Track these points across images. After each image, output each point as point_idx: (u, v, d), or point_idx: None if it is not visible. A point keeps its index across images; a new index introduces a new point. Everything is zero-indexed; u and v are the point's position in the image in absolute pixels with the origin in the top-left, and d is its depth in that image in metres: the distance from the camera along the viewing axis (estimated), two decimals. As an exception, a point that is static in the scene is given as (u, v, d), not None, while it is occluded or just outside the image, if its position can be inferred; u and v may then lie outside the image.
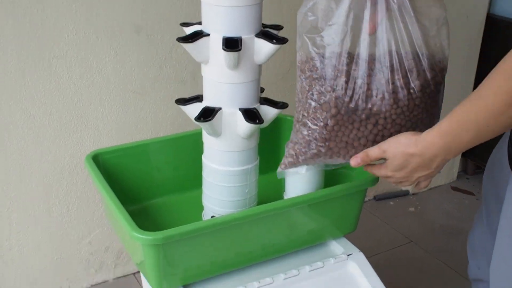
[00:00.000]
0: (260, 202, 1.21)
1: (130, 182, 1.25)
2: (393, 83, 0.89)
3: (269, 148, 1.32)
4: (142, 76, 1.55)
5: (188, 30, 1.06)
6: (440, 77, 0.92)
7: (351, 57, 0.89)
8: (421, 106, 0.91)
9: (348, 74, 0.89)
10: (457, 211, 2.19)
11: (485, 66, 2.23)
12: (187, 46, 1.00)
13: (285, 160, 0.99)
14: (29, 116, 1.43)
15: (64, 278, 1.65)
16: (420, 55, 0.89)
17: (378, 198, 2.21)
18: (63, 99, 1.46)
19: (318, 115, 0.91)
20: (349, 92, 0.89)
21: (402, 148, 0.85)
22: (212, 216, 1.17)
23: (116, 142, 1.57)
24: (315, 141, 0.92)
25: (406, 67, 0.89)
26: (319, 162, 0.96)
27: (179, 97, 1.12)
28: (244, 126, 1.04)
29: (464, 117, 0.79)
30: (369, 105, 0.89)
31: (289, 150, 0.97)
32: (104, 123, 1.54)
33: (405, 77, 0.89)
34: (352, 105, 0.89)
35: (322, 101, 0.90)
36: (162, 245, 0.96)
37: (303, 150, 0.94)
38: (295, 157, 0.96)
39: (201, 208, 1.21)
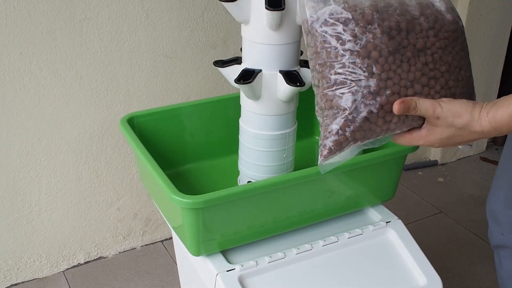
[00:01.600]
0: (296, 168, 1.19)
1: (164, 147, 1.23)
2: (424, 14, 0.79)
3: (304, 113, 1.28)
4: (173, 40, 1.52)
5: (228, -10, 1.03)
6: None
7: None
8: (459, 42, 0.84)
9: (377, 6, 0.77)
10: (486, 182, 2.15)
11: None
12: (228, 5, 0.97)
13: (326, 143, 0.78)
14: (60, 79, 1.41)
15: (92, 245, 1.64)
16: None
17: (406, 168, 2.18)
18: (93, 62, 1.44)
19: (359, 64, 0.75)
20: (384, 26, 0.76)
21: (460, 123, 0.75)
22: (249, 181, 1.15)
23: (146, 106, 1.55)
24: (362, 100, 0.76)
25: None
26: (370, 135, 0.79)
27: (210, 61, 1.09)
28: (284, 89, 1.01)
29: None
30: (411, 39, 0.77)
31: (328, 128, 0.78)
32: (134, 87, 1.52)
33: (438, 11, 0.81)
34: (394, 40, 0.76)
35: (359, 46, 0.75)
36: (202, 209, 0.94)
37: (349, 117, 0.76)
38: (340, 132, 0.77)
39: (235, 174, 1.19)
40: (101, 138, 1.52)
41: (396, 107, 0.76)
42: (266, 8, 0.93)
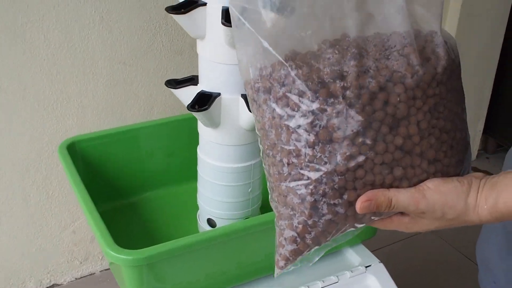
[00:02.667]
0: (265, 199, 1.04)
1: (114, 174, 1.08)
2: (410, 66, 0.58)
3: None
4: (132, 45, 1.35)
5: (181, -2, 0.87)
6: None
7: (335, 41, 0.57)
8: (454, 91, 0.63)
9: (341, 70, 0.56)
10: (477, 195, 2.01)
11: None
12: (179, 18, 0.81)
13: (282, 252, 0.61)
14: (0, 90, 1.25)
15: (44, 271, 1.48)
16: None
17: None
18: (39, 71, 1.27)
19: (318, 154, 0.56)
20: (350, 96, 0.56)
21: (453, 215, 0.57)
22: (209, 219, 0.99)
23: (103, 120, 1.38)
24: (324, 199, 0.57)
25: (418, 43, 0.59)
26: (337, 233, 0.61)
27: (176, 69, 0.94)
28: (247, 116, 0.86)
29: None
30: (390, 108, 0.57)
31: (283, 233, 0.61)
32: (88, 99, 1.35)
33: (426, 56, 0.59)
34: (364, 114, 0.56)
35: (318, 127, 0.56)
36: (146, 266, 0.78)
37: (309, 222, 0.58)
38: (298, 240, 0.59)
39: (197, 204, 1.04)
40: (51, 156, 1.36)
41: (359, 206, 0.57)
42: (222, 23, 0.78)
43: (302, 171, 0.57)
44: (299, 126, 0.56)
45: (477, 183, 0.57)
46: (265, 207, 1.04)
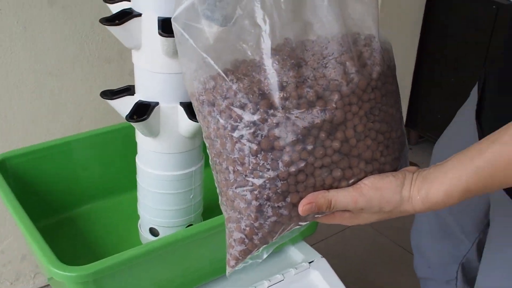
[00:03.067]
0: (206, 204, 1.04)
1: (50, 189, 1.05)
2: (346, 74, 0.60)
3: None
4: (58, 56, 1.33)
5: (114, 8, 0.86)
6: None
7: (275, 52, 0.58)
8: (390, 94, 0.66)
9: (281, 81, 0.58)
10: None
11: (427, 35, 2.14)
12: (114, 29, 0.81)
13: (232, 252, 0.64)
14: None
15: (-27, 294, 1.44)
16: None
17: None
18: (-38, 86, 1.23)
19: (261, 161, 0.58)
20: (289, 106, 0.58)
21: (389, 208, 0.60)
22: (151, 228, 0.99)
23: (30, 134, 1.35)
24: (268, 203, 0.59)
25: (356, 49, 0.62)
26: (283, 231, 0.63)
27: (104, 78, 0.93)
28: (187, 124, 0.87)
29: (508, 170, 0.56)
30: (327, 114, 0.59)
31: (232, 235, 0.63)
32: (13, 112, 1.32)
33: (362, 63, 0.62)
34: (303, 122, 0.58)
35: (260, 137, 0.58)
36: (93, 281, 0.78)
37: (255, 225, 0.61)
38: (247, 241, 0.62)
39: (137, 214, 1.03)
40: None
41: (301, 209, 0.60)
42: (159, 33, 0.78)
43: (247, 178, 0.59)
44: (242, 136, 0.58)
45: (410, 177, 0.60)
46: (206, 213, 1.05)
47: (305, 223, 0.64)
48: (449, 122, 1.05)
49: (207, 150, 0.63)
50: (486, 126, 0.83)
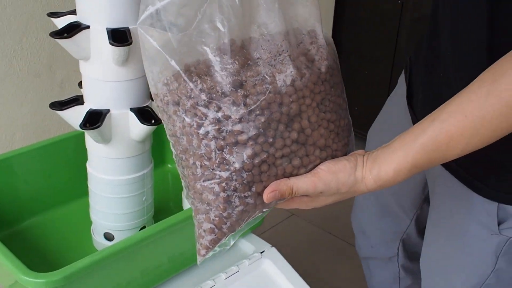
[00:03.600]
0: (157, 207, 1.08)
1: (-3, 204, 1.05)
2: (298, 69, 0.66)
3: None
4: (-13, 73, 1.32)
5: (59, 22, 0.89)
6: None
7: (234, 52, 0.63)
8: (337, 85, 0.73)
9: (241, 79, 0.63)
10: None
11: (339, 30, 2.26)
12: (64, 42, 0.83)
13: (203, 242, 0.68)
14: None
15: None
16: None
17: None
18: None
19: (227, 155, 0.63)
20: (249, 102, 0.63)
21: (345, 189, 0.66)
22: (106, 233, 1.02)
23: (-36, 153, 1.33)
24: (236, 193, 0.64)
25: (304, 45, 0.69)
26: (249, 219, 0.68)
27: (35, 92, 0.95)
28: (138, 128, 0.90)
29: (451, 143, 0.62)
30: (284, 108, 0.64)
31: (202, 226, 0.67)
32: None
33: (312, 58, 0.68)
34: (263, 116, 0.63)
35: (225, 132, 0.62)
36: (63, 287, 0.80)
37: (224, 214, 0.65)
38: (216, 230, 0.66)
39: (88, 220, 1.05)
40: None
41: (266, 197, 0.64)
42: (110, 43, 0.81)
43: (214, 171, 0.63)
44: (207, 133, 0.63)
45: (361, 159, 0.67)
46: (155, 215, 1.09)
47: (268, 209, 0.70)
48: (366, 113, 1.14)
49: (171, 148, 0.67)
50: (417, 109, 0.92)
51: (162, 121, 0.67)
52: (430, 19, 0.88)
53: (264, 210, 0.69)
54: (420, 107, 0.91)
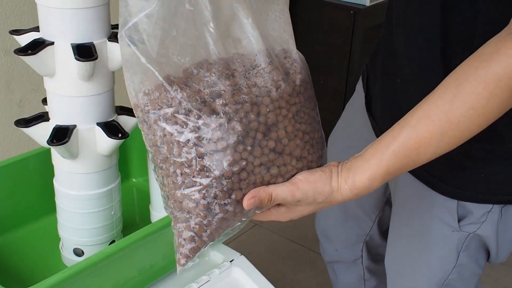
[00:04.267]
0: (123, 217, 1.08)
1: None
2: (268, 82, 0.68)
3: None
4: None
5: (22, 39, 0.89)
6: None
7: (210, 65, 0.66)
8: (310, 98, 0.75)
9: (219, 90, 0.65)
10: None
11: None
12: (28, 59, 0.84)
13: (182, 251, 0.69)
14: None
15: None
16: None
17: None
18: None
19: (207, 162, 0.64)
20: (229, 111, 0.65)
21: (322, 199, 0.68)
22: (75, 248, 1.02)
23: None
24: (216, 201, 0.65)
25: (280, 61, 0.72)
26: (227, 228, 0.69)
27: None
28: (106, 143, 0.91)
29: (421, 148, 0.65)
30: (262, 117, 0.66)
31: (182, 234, 0.68)
32: None
33: (286, 72, 0.71)
34: (242, 125, 0.65)
35: (205, 140, 0.64)
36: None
37: (204, 222, 0.66)
38: (196, 238, 0.67)
39: (55, 237, 1.04)
40: None
41: (246, 203, 0.66)
42: (76, 58, 0.82)
43: (194, 179, 0.65)
44: (188, 141, 0.64)
45: (336, 170, 0.69)
46: (123, 230, 1.09)
47: (246, 219, 0.71)
48: (323, 122, 1.14)
49: (150, 159, 0.68)
50: (376, 114, 0.95)
51: (142, 131, 0.68)
52: (385, 26, 0.91)
53: (242, 219, 0.70)
54: (379, 113, 0.95)
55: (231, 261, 1.08)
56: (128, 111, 0.97)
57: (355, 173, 0.67)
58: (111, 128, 0.91)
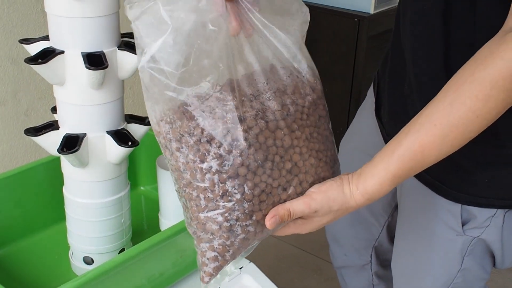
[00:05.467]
0: (131, 224, 1.09)
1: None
2: (283, 104, 0.70)
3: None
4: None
5: (31, 48, 0.89)
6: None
7: (232, 89, 0.66)
8: (323, 119, 0.77)
9: (240, 115, 0.66)
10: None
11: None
12: (39, 68, 0.84)
13: (206, 270, 0.71)
14: None
15: None
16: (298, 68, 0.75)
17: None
18: None
19: (229, 187, 0.66)
20: (249, 137, 0.66)
21: (337, 207, 0.70)
22: (85, 257, 1.02)
23: None
24: (238, 222, 0.67)
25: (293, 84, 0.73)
26: (248, 246, 0.72)
27: (0, 121, 0.95)
28: (116, 151, 0.91)
29: (425, 152, 0.67)
30: (278, 141, 0.68)
31: (205, 254, 0.70)
32: None
33: (295, 94, 0.72)
34: (261, 150, 0.66)
35: (227, 166, 0.65)
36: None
37: (227, 243, 0.68)
38: (220, 258, 0.70)
39: (65, 245, 1.05)
40: None
41: (268, 223, 0.68)
42: (86, 67, 0.82)
43: (217, 203, 0.67)
44: (210, 167, 0.65)
45: (346, 177, 0.71)
46: (132, 238, 1.09)
47: (264, 237, 0.73)
48: None
49: (174, 182, 0.70)
50: (384, 120, 0.96)
51: (164, 156, 0.69)
52: (394, 33, 0.92)
53: (261, 238, 0.72)
54: (387, 119, 0.95)
55: (240, 268, 1.08)
56: (138, 119, 0.97)
57: (365, 178, 0.69)
58: (121, 136, 0.91)
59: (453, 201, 0.87)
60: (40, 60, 0.84)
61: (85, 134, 0.90)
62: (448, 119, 0.65)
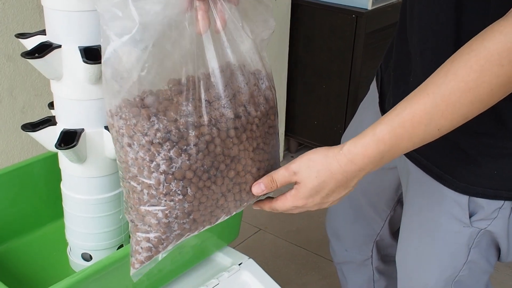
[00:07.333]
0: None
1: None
2: (236, 113, 0.72)
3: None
4: None
5: (28, 43, 0.88)
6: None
7: (191, 92, 0.68)
8: (273, 133, 0.79)
9: (194, 121, 0.68)
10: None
11: (295, 46, 2.30)
12: (35, 62, 0.83)
13: (138, 257, 0.73)
14: None
15: None
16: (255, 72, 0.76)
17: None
18: None
19: (174, 187, 0.68)
20: (200, 143, 0.68)
21: (318, 167, 0.70)
22: (84, 253, 1.01)
23: None
24: (176, 220, 0.70)
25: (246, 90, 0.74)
26: (180, 240, 0.74)
27: None
28: (113, 146, 0.90)
29: (414, 119, 0.67)
30: (225, 151, 0.71)
31: (140, 243, 0.72)
32: None
33: (250, 104, 0.73)
34: (207, 161, 0.69)
35: (174, 168, 0.67)
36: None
37: (163, 237, 0.71)
38: (153, 249, 0.72)
39: (63, 242, 1.04)
40: None
41: (255, 191, 0.74)
42: (83, 61, 0.82)
43: (160, 200, 0.69)
44: (158, 167, 0.67)
45: (334, 146, 0.73)
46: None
47: (196, 232, 0.75)
48: (326, 127, 1.15)
49: (119, 170, 0.71)
50: None
51: (114, 147, 0.71)
52: (398, 26, 0.91)
53: (194, 233, 0.75)
54: None
55: (239, 264, 1.07)
56: (135, 114, 0.96)
57: (352, 141, 0.70)
58: (119, 132, 0.90)
59: (461, 192, 0.86)
60: (37, 55, 0.83)
61: (83, 129, 0.89)
62: (440, 88, 0.65)
